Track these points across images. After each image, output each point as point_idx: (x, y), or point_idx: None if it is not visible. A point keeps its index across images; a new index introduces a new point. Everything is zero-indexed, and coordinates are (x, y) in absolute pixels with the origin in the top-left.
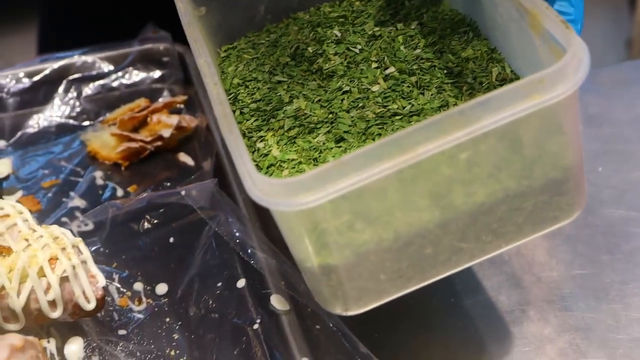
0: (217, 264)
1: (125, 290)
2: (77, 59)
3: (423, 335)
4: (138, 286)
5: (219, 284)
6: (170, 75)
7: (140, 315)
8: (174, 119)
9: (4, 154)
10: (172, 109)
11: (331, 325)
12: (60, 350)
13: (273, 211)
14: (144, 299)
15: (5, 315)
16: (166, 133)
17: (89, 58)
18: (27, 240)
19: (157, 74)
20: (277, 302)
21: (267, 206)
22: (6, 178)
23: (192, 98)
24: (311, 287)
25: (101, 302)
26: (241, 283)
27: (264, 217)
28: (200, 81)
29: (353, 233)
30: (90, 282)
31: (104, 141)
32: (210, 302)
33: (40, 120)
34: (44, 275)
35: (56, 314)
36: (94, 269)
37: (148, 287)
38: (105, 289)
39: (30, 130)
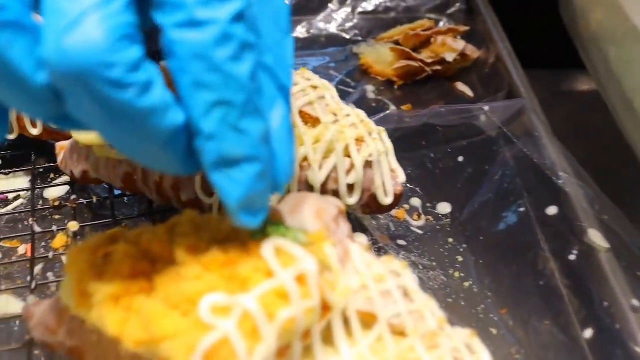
0: (517, 188)
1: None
2: None
3: None
4: (416, 202)
5: (521, 210)
6: (452, 4)
7: (419, 231)
8: (460, 44)
9: None
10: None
11: None
12: None
13: None
14: (422, 215)
15: (300, 190)
16: (449, 57)
17: None
18: (335, 115)
19: (437, 1)
20: (596, 237)
21: None
22: None
23: (474, 30)
24: None
25: (397, 199)
26: (552, 211)
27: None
28: (489, 11)
29: None
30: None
31: (380, 56)
32: (507, 228)
33: (310, 28)
34: (349, 156)
35: (352, 200)
36: (394, 162)
37: (428, 204)
38: (404, 186)
39: (299, 35)
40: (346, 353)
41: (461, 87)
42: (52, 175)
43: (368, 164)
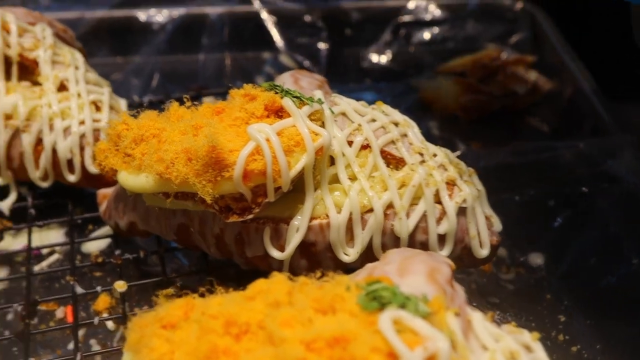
0: (627, 234)
1: None
2: (410, 1)
3: None
4: (502, 252)
5: (635, 261)
6: (514, 32)
7: (510, 286)
8: (532, 75)
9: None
10: None
11: None
12: None
13: None
14: (511, 267)
15: (384, 242)
16: (521, 89)
17: (422, 2)
18: (421, 154)
19: (499, 29)
20: None
21: None
22: None
23: (543, 60)
24: None
25: (494, 252)
26: None
27: None
28: (560, 39)
29: None
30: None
31: (443, 89)
32: (619, 281)
33: (362, 61)
34: (439, 202)
35: (443, 252)
36: (488, 208)
37: (518, 254)
38: (501, 236)
39: (349, 70)
40: None
41: (534, 122)
42: (90, 227)
43: (461, 211)
